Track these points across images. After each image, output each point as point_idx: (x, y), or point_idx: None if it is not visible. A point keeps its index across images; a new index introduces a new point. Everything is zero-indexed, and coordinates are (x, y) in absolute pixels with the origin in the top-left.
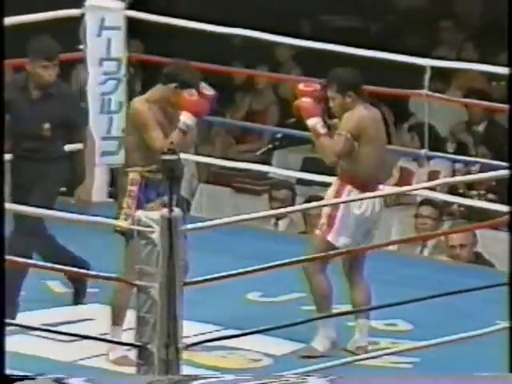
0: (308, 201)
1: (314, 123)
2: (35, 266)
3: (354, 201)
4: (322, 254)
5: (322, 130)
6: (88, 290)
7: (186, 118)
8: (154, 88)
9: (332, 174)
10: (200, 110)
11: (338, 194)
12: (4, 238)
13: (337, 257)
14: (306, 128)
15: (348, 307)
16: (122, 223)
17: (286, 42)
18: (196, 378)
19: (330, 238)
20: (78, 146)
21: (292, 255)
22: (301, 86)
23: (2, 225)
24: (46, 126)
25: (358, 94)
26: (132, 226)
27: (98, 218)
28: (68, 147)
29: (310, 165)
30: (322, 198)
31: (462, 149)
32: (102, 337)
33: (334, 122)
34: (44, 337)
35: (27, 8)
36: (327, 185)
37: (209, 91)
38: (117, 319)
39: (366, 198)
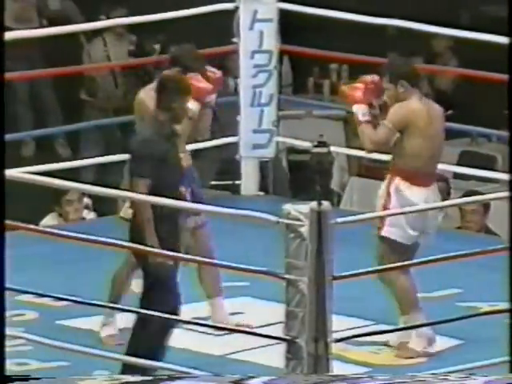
0: (465, 195)
1: (356, 109)
2: (187, 259)
3: None
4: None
5: (363, 118)
6: (238, 283)
7: (190, 104)
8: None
9: (490, 168)
10: (201, 94)
11: (387, 187)
12: (4, 231)
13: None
14: (463, 121)
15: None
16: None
17: (443, 33)
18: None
19: (383, 233)
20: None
21: (447, 250)
22: (363, 78)
23: (2, 217)
24: None
25: (413, 84)
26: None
27: (249, 212)
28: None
29: (467, 159)
30: (479, 193)
31: None
32: (252, 330)
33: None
34: (194, 330)
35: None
36: (485, 179)
37: (215, 73)
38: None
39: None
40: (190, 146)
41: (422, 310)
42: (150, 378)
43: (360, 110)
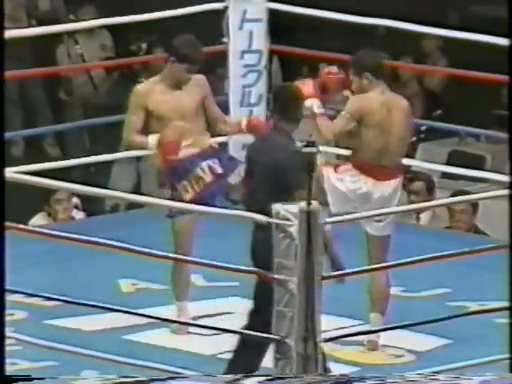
0: (453, 195)
1: (310, 104)
2: (178, 259)
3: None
4: None
5: (318, 110)
6: (227, 283)
7: None
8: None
9: (479, 168)
10: None
11: (336, 169)
12: (4, 232)
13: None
14: (452, 120)
15: (500, 304)
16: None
17: (433, 33)
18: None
19: None
20: None
21: (436, 250)
22: (324, 70)
23: (2, 218)
24: None
25: (378, 76)
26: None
27: (238, 212)
28: None
29: (456, 158)
30: (468, 193)
31: None
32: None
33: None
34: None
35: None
36: (474, 179)
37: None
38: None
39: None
40: None
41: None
42: (143, 378)
43: (314, 104)
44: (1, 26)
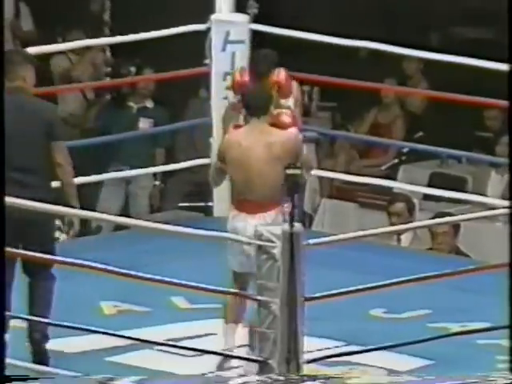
0: (435, 217)
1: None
2: (160, 281)
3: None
4: None
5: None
6: (209, 305)
7: None
8: None
9: (460, 190)
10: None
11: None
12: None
13: None
14: (433, 143)
15: (481, 325)
16: None
17: (414, 55)
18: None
19: None
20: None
21: (417, 271)
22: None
23: (3, 222)
24: None
25: (253, 112)
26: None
27: (221, 234)
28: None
29: (437, 180)
30: (449, 215)
31: None
32: (225, 352)
33: None
34: (168, 352)
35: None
36: (455, 201)
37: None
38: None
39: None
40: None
41: None
42: None
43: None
44: (1, 33)
